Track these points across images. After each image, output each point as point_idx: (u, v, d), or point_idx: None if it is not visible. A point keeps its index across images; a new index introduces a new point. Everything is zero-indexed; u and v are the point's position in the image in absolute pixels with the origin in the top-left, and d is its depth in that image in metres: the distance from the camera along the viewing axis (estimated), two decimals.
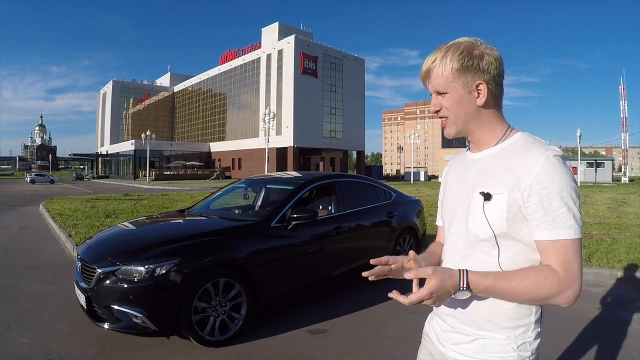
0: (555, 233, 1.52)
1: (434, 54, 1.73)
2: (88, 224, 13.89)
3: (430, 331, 1.98)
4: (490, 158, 1.73)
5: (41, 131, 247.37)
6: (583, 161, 71.94)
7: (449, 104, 1.73)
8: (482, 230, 1.66)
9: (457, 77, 1.68)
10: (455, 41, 1.73)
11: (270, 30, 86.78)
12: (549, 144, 1.64)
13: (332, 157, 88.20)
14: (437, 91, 1.74)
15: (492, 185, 1.64)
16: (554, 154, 1.57)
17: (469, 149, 1.89)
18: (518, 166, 1.60)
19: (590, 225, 14.21)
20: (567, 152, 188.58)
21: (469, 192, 1.74)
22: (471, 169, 1.79)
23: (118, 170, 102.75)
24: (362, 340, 5.36)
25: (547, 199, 1.53)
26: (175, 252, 5.07)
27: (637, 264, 8.40)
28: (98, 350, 4.98)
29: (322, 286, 6.64)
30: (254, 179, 8.65)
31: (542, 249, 1.57)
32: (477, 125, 1.75)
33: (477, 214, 1.67)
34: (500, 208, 1.60)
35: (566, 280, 1.51)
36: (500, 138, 1.75)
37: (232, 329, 5.28)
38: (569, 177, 1.55)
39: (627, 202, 24.96)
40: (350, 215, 7.11)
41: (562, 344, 5.27)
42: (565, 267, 1.51)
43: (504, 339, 1.66)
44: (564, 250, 1.52)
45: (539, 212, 1.54)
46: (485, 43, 1.71)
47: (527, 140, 1.69)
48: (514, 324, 1.66)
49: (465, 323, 1.73)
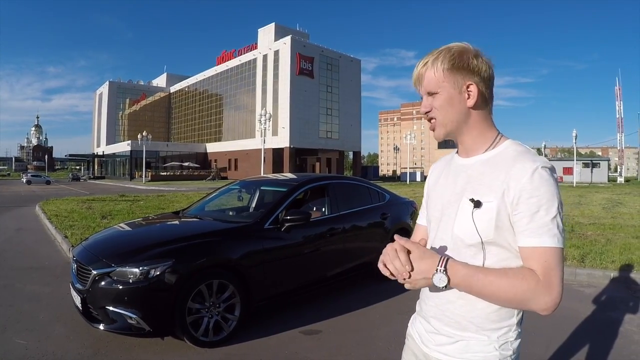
0: (539, 240, 1.55)
1: (426, 57, 1.76)
2: (84, 225, 13.89)
3: (414, 332, 2.00)
4: (479, 165, 1.74)
5: (37, 132, 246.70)
6: (579, 161, 71.98)
7: (439, 104, 1.74)
8: (469, 236, 1.67)
9: (447, 76, 1.70)
10: (446, 45, 1.75)
11: (266, 31, 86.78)
12: (537, 155, 1.68)
13: (329, 157, 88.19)
14: (428, 92, 1.76)
15: (482, 192, 1.66)
16: (543, 165, 1.59)
17: (457, 152, 1.91)
18: (508, 175, 1.62)
19: (585, 225, 14.24)
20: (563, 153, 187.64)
21: (457, 197, 1.75)
22: (460, 174, 1.80)
23: (114, 171, 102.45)
24: (355, 341, 5.39)
25: (534, 208, 1.55)
26: (169, 254, 5.11)
27: (630, 264, 8.42)
28: (93, 351, 5.00)
29: (315, 287, 6.67)
30: (247, 181, 8.68)
31: (525, 255, 1.59)
32: (466, 128, 1.76)
33: (466, 220, 1.68)
34: (489, 216, 1.62)
35: (544, 285, 1.51)
36: (490, 145, 1.77)
37: (226, 330, 5.31)
38: (556, 188, 1.59)
39: (622, 202, 24.97)
40: (344, 217, 7.14)
41: (553, 344, 5.30)
42: (545, 272, 1.53)
43: (486, 340, 1.68)
44: (545, 256, 1.54)
45: (524, 219, 1.57)
46: (476, 48, 1.74)
47: (516, 149, 1.71)
48: (496, 325, 1.68)
49: (448, 325, 1.76)
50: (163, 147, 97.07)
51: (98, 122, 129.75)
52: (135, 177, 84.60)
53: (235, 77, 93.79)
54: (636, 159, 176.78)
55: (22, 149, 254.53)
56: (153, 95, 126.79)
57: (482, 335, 1.69)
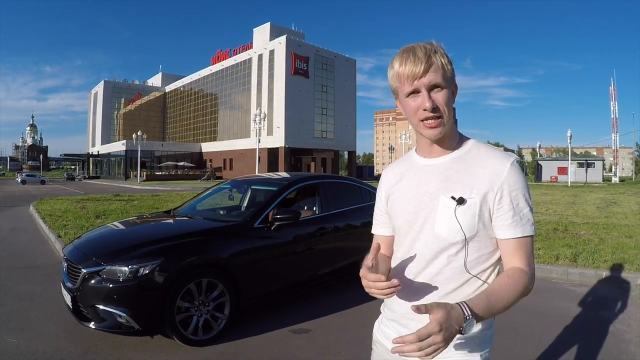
0: (522, 230, 1.65)
1: (423, 50, 1.63)
2: (77, 225, 13.87)
3: (383, 338, 1.98)
4: (451, 163, 1.75)
5: (32, 131, 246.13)
6: (574, 161, 72.24)
7: (445, 101, 1.65)
8: (453, 234, 1.67)
9: (450, 73, 1.67)
10: (423, 42, 1.68)
11: (261, 31, 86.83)
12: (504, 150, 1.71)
13: (324, 157, 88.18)
14: (434, 85, 1.63)
15: (462, 190, 1.67)
16: (515, 159, 1.68)
17: (417, 153, 1.90)
18: (485, 171, 1.67)
19: (579, 225, 14.27)
20: (558, 152, 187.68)
21: (433, 197, 1.73)
22: (430, 173, 1.78)
23: (109, 171, 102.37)
24: (345, 340, 5.40)
25: (515, 200, 1.64)
26: (158, 253, 5.12)
27: (622, 264, 8.44)
28: (83, 349, 5.01)
29: (305, 286, 6.67)
30: (239, 180, 8.69)
31: (510, 246, 1.66)
32: (451, 129, 1.75)
33: (448, 219, 1.68)
34: (472, 212, 1.65)
35: (530, 276, 1.64)
36: (457, 143, 1.79)
37: (216, 329, 5.32)
38: (526, 179, 1.69)
39: (616, 202, 25.05)
40: (334, 216, 7.12)
41: (543, 343, 5.31)
42: (529, 262, 1.66)
43: (466, 337, 1.64)
44: (527, 245, 1.67)
45: (510, 212, 1.64)
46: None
47: (484, 146, 1.77)
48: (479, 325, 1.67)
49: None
50: (158, 147, 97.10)
51: (93, 121, 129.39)
52: (130, 176, 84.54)
53: (230, 77, 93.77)
54: (631, 159, 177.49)
55: (17, 148, 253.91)
56: (148, 94, 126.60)
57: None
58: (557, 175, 73.44)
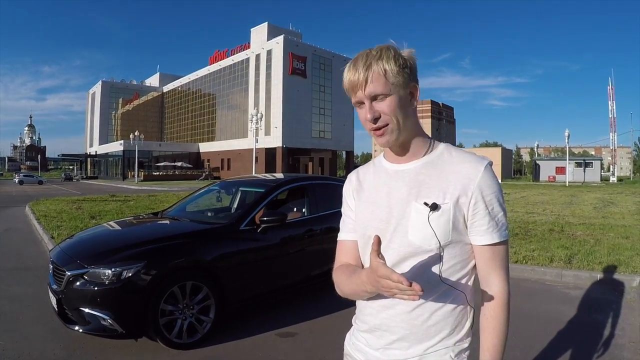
0: (499, 235, 1.61)
1: (364, 58, 1.63)
2: (72, 226, 13.85)
3: (354, 351, 1.89)
4: (422, 168, 1.69)
5: (30, 131, 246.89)
6: (572, 161, 72.35)
7: (391, 109, 1.60)
8: (427, 241, 1.60)
9: (397, 77, 1.60)
10: (378, 46, 1.67)
11: (259, 31, 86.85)
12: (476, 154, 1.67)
13: (321, 157, 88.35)
14: (374, 95, 1.60)
15: (435, 195, 1.61)
16: (488, 162, 1.64)
17: (385, 159, 1.84)
18: (458, 176, 1.61)
19: (575, 225, 14.28)
20: (556, 152, 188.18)
21: (404, 203, 1.66)
22: (400, 179, 1.72)
23: (107, 171, 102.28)
24: (331, 343, 5.30)
25: (490, 205, 1.60)
26: (142, 255, 5.09)
27: (617, 265, 8.41)
28: (68, 352, 5.03)
29: (292, 289, 6.63)
30: (228, 181, 8.67)
31: (487, 253, 1.63)
32: (413, 133, 1.69)
33: (421, 225, 1.61)
34: (446, 218, 1.59)
35: (506, 282, 1.66)
36: (428, 148, 1.73)
37: (200, 332, 5.29)
38: (499, 183, 1.65)
39: (613, 202, 25.10)
40: (323, 218, 7.03)
41: (535, 347, 5.26)
42: (504, 265, 1.65)
43: (442, 347, 1.65)
44: (504, 250, 1.65)
45: (486, 217, 1.60)
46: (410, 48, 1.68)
47: (456, 150, 1.71)
48: (453, 331, 1.66)
49: (403, 338, 1.68)
50: (156, 147, 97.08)
51: (91, 122, 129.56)
52: (128, 177, 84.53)
53: (227, 77, 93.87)
54: (629, 158, 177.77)
55: (15, 148, 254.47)
56: (146, 95, 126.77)
57: (439, 344, 1.65)
58: (555, 175, 73.66)
